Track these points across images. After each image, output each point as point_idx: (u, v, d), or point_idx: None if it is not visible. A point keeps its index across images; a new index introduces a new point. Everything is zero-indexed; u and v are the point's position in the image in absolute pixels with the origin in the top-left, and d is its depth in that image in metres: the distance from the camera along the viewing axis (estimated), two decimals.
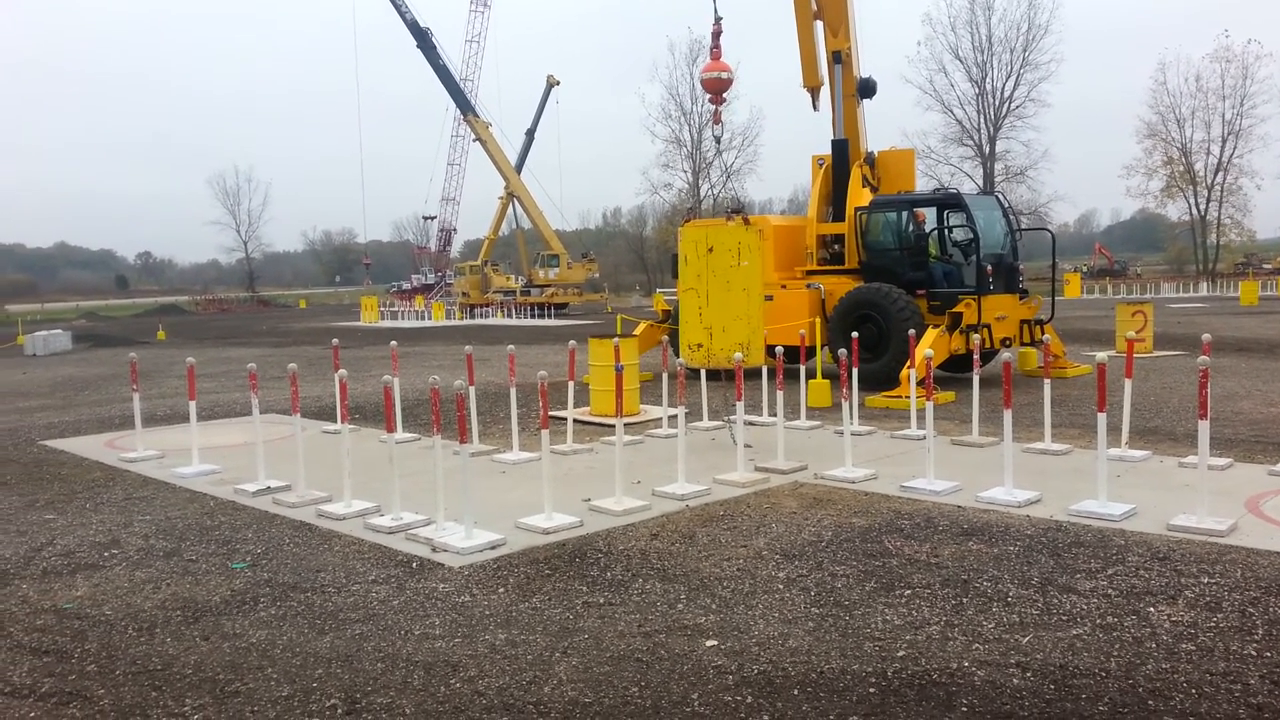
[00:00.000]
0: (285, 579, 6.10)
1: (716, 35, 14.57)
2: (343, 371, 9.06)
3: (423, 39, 55.03)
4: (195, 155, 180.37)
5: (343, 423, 7.91)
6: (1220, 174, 64.51)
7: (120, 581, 6.16)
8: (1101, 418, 7.00)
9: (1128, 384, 9.20)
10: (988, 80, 63.57)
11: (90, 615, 5.55)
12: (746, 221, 16.47)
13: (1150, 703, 4.08)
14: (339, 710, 4.25)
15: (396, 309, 51.33)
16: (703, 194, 66.84)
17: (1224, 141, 63.81)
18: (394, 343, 12.82)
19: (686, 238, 10.17)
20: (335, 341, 13.90)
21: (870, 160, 16.38)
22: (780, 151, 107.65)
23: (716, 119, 16.04)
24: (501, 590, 5.76)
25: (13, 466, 10.27)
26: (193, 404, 9.75)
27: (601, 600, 5.55)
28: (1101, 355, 7.30)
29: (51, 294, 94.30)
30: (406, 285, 72.47)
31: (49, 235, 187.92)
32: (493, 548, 6.55)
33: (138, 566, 6.47)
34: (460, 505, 6.78)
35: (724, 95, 15.34)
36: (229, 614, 5.50)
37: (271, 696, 4.40)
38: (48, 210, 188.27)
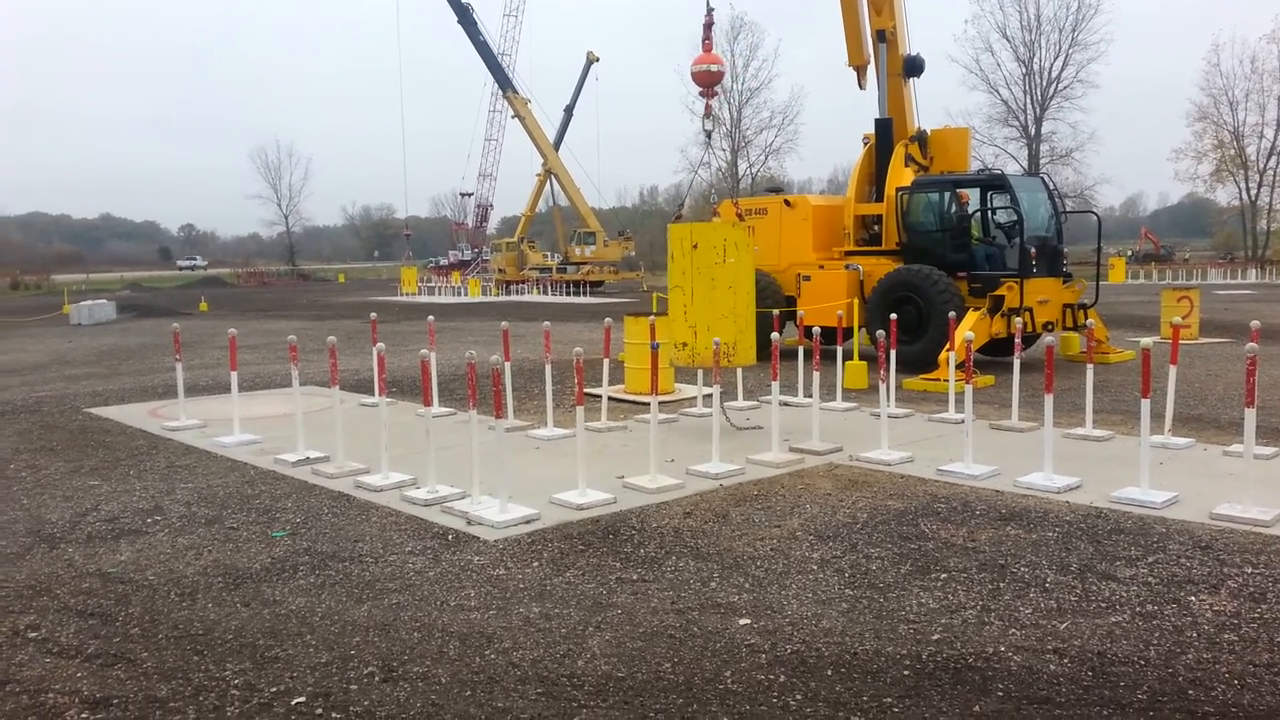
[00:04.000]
0: (324, 548, 6.19)
1: (708, 27, 14.36)
2: (381, 345, 9.13)
3: (464, 15, 54.93)
4: (238, 129, 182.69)
5: (380, 396, 7.97)
6: (1273, 158, 62.85)
7: (163, 547, 6.28)
8: (1145, 404, 6.89)
9: (1172, 370, 9.03)
10: (1035, 60, 62.31)
11: (134, 580, 5.67)
12: (787, 204, 16.43)
13: (1190, 692, 4.03)
14: (376, 678, 4.31)
15: (434, 284, 51.58)
16: (741, 173, 66.38)
17: (1278, 125, 62.18)
18: (431, 317, 12.90)
19: (673, 235, 10.09)
20: (373, 315, 13.99)
21: (920, 139, 16.09)
22: (821, 130, 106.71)
23: (707, 112, 15.83)
24: (536, 564, 5.80)
25: (59, 433, 10.48)
26: (234, 374, 9.89)
27: (635, 576, 5.56)
28: (1146, 341, 7.18)
29: (97, 265, 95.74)
30: (444, 261, 72.79)
31: (94, 207, 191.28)
32: (527, 522, 6.59)
33: (180, 533, 6.59)
34: (495, 480, 6.83)
35: (715, 89, 15.08)
36: (269, 581, 5.59)
37: (310, 663, 4.47)
38: (93, 182, 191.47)
